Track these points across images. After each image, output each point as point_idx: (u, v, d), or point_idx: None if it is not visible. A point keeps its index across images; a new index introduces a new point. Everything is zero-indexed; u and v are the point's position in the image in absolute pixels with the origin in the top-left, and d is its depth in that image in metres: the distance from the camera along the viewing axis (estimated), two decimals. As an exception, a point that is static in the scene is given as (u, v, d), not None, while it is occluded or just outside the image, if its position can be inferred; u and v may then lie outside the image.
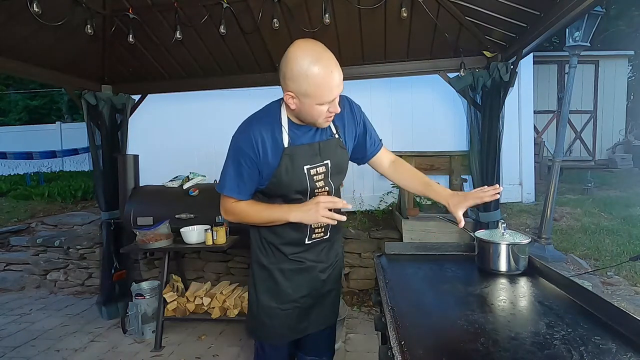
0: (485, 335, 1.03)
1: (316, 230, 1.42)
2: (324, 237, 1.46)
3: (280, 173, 1.29)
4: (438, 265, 1.67)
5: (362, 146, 1.49)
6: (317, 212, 1.23)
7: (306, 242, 1.42)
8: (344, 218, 1.27)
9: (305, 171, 1.32)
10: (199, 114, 4.62)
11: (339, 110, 1.25)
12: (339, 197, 1.39)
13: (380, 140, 1.57)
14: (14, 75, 9.15)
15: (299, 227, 1.37)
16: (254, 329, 1.51)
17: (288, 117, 1.31)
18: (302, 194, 1.34)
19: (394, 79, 3.68)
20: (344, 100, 1.43)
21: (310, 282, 1.46)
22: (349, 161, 1.47)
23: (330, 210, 1.24)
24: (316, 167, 1.34)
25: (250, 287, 1.51)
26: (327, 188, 1.38)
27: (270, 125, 1.29)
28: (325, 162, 1.35)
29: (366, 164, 1.58)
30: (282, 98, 1.29)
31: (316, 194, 1.34)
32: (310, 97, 1.18)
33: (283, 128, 1.30)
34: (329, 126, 1.36)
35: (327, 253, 1.50)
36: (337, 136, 1.38)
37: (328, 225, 1.41)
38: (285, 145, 1.29)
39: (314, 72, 1.17)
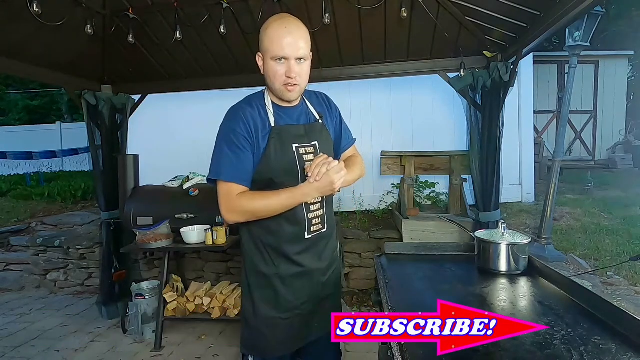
0: (485, 335, 1.03)
1: (314, 222, 1.33)
2: (323, 231, 1.37)
3: (270, 153, 1.26)
4: (438, 265, 1.67)
5: (338, 140, 1.49)
6: (329, 177, 1.19)
7: (306, 236, 1.33)
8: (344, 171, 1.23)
9: (295, 149, 1.29)
10: (199, 114, 4.61)
11: (293, 75, 1.23)
12: None
13: (355, 139, 1.57)
14: (14, 75, 9.16)
15: (296, 219, 1.30)
16: (253, 344, 1.38)
17: (272, 102, 1.33)
18: (292, 175, 1.27)
19: (394, 79, 3.68)
20: (322, 95, 1.48)
21: (311, 287, 1.37)
22: None
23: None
24: (305, 147, 1.32)
25: (244, 298, 1.40)
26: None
27: (257, 107, 1.31)
28: (313, 143, 1.34)
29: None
30: (265, 88, 1.35)
31: (307, 175, 1.23)
32: (267, 51, 1.25)
33: (268, 109, 1.31)
34: (312, 112, 1.39)
35: (325, 249, 1.41)
36: (320, 121, 1.39)
37: (324, 215, 1.36)
38: (272, 124, 1.29)
39: (271, 25, 1.27)
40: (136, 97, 3.61)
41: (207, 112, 4.61)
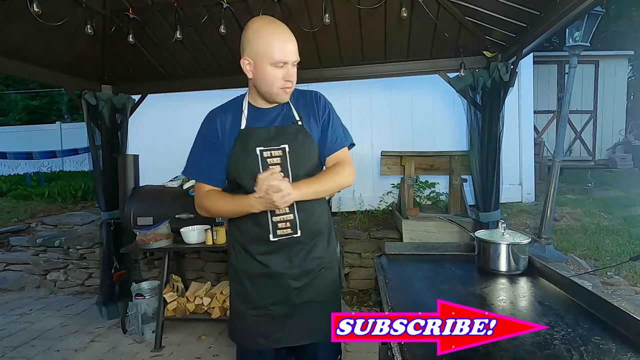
0: (485, 335, 1.03)
1: (279, 225, 1.32)
2: (294, 235, 1.33)
3: (233, 154, 1.31)
4: (438, 265, 1.67)
5: (323, 142, 1.38)
6: (266, 196, 1.18)
7: (271, 238, 1.32)
8: (289, 194, 1.19)
9: (258, 152, 1.29)
10: (199, 114, 4.60)
11: (294, 78, 1.26)
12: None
13: (352, 144, 1.47)
14: (14, 75, 9.16)
15: (260, 221, 1.32)
16: (230, 330, 1.52)
17: (249, 102, 1.36)
18: (254, 179, 1.23)
19: (394, 79, 3.68)
20: (313, 94, 1.43)
21: (279, 290, 1.36)
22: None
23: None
24: (271, 150, 1.30)
25: (229, 286, 1.54)
26: (282, 174, 1.25)
27: (231, 110, 1.36)
28: (282, 146, 1.30)
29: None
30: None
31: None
32: (262, 56, 1.22)
33: (242, 112, 1.34)
34: (292, 113, 1.35)
35: (303, 259, 1.36)
36: (299, 123, 1.35)
37: (294, 220, 1.33)
38: (242, 127, 1.32)
39: (268, 28, 1.24)
40: (136, 97, 3.61)
41: (207, 112, 4.65)
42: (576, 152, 8.08)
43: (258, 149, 1.30)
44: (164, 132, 4.67)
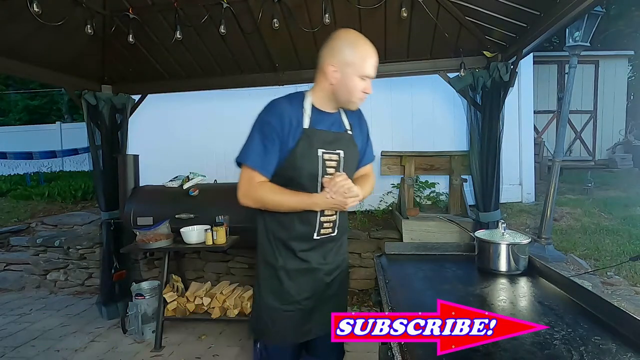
0: (485, 335, 1.03)
1: (324, 225, 1.41)
2: (332, 235, 1.45)
3: (296, 153, 1.32)
4: (438, 265, 1.67)
5: (361, 156, 1.52)
6: (339, 197, 1.31)
7: (314, 237, 1.40)
8: (359, 196, 1.34)
9: (320, 154, 1.34)
10: (199, 114, 4.62)
11: (371, 91, 1.34)
12: None
13: (374, 158, 1.62)
14: (14, 75, 9.16)
15: (308, 220, 1.38)
16: (258, 330, 1.49)
17: (312, 104, 1.38)
18: (313, 178, 1.34)
19: (394, 79, 3.68)
20: (359, 111, 1.50)
21: (314, 285, 1.44)
22: None
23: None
24: (330, 154, 1.37)
25: (255, 285, 1.51)
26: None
27: (295, 107, 1.36)
28: (338, 151, 1.38)
29: None
30: (306, 90, 1.41)
31: (324, 187, 1.34)
32: (352, 67, 1.29)
33: (305, 111, 1.35)
34: (344, 122, 1.44)
35: (334, 254, 1.49)
36: (350, 132, 1.45)
37: (336, 221, 1.44)
38: (305, 126, 1.34)
39: (361, 44, 1.32)
40: (136, 97, 3.60)
41: (207, 112, 4.66)
42: (576, 152, 8.08)
43: (320, 150, 1.34)
44: (164, 132, 4.68)
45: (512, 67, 2.65)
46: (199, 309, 3.00)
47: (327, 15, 2.44)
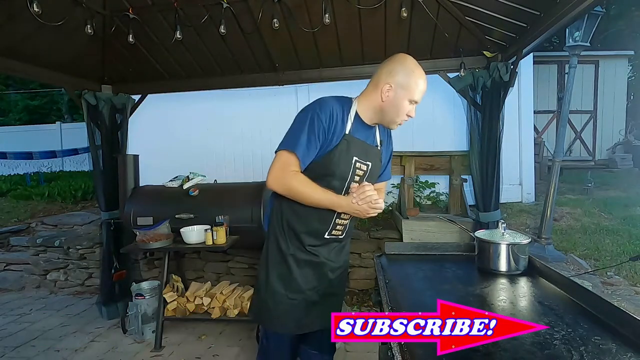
0: (485, 335, 1.02)
1: (337, 227, 1.50)
2: (339, 237, 1.54)
3: (334, 154, 1.38)
4: (438, 265, 1.67)
5: (383, 170, 1.61)
6: (364, 205, 1.37)
7: (325, 235, 1.49)
8: (380, 206, 1.41)
9: (353, 161, 1.42)
10: (199, 114, 4.62)
11: (414, 115, 1.43)
12: None
13: (391, 177, 1.71)
14: (14, 75, 9.15)
15: (325, 219, 1.46)
16: (259, 313, 1.54)
17: (357, 112, 1.45)
18: (342, 181, 1.42)
19: (394, 79, 3.67)
20: (388, 131, 1.59)
21: (320, 278, 1.52)
22: None
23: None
24: (361, 163, 1.45)
25: (261, 269, 1.54)
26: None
27: (343, 111, 1.42)
28: (367, 162, 1.47)
29: None
30: (356, 97, 1.47)
31: (351, 191, 1.41)
32: (405, 90, 1.38)
33: (350, 116, 1.42)
34: (377, 138, 1.53)
35: (337, 254, 1.58)
36: (379, 148, 1.54)
37: (347, 225, 1.53)
38: (347, 131, 1.41)
39: (418, 72, 1.40)
40: (136, 97, 3.60)
41: (207, 112, 4.66)
42: (576, 152, 8.07)
43: (354, 157, 1.43)
44: (164, 132, 4.68)
45: (512, 67, 2.65)
46: (199, 309, 3.00)
47: (327, 15, 2.44)
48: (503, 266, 1.52)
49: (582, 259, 3.29)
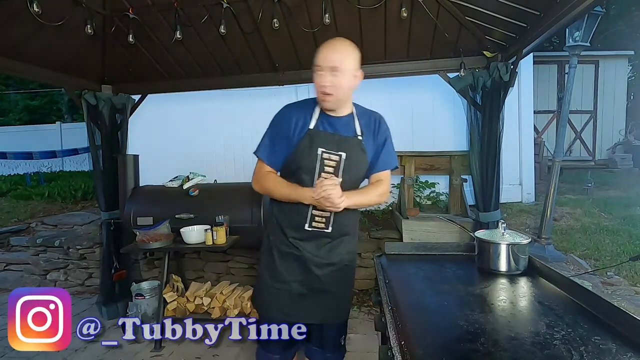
0: (485, 335, 1.03)
1: (316, 219, 1.52)
2: (325, 230, 1.54)
3: (297, 148, 1.49)
4: (438, 265, 1.67)
5: (375, 161, 1.59)
6: (316, 191, 1.41)
7: (306, 227, 1.53)
8: (339, 205, 1.41)
9: (319, 152, 1.47)
10: (199, 114, 4.62)
11: (326, 85, 1.42)
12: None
13: (396, 167, 1.67)
14: (14, 75, 9.15)
15: (300, 211, 1.52)
16: (253, 297, 1.74)
17: (321, 109, 1.53)
18: (310, 174, 1.48)
19: (394, 79, 3.67)
20: (377, 117, 1.61)
21: (303, 272, 1.56)
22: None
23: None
24: (330, 154, 1.49)
25: (260, 259, 1.70)
26: (333, 177, 1.49)
27: (304, 110, 1.53)
28: (340, 153, 1.49)
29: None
30: None
31: (322, 179, 1.46)
32: (315, 63, 1.46)
33: (314, 114, 1.52)
34: (355, 127, 1.54)
35: (328, 251, 1.57)
36: (359, 138, 1.53)
37: (329, 218, 1.52)
38: (311, 127, 1.50)
39: (324, 45, 1.51)
40: (136, 97, 3.60)
41: (207, 111, 4.66)
42: (576, 152, 8.07)
43: (320, 149, 1.48)
44: (164, 132, 4.68)
45: (512, 67, 2.65)
46: (199, 309, 3.00)
47: (327, 15, 2.44)
48: (503, 266, 1.52)
49: (582, 259, 3.29)
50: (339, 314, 1.67)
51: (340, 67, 1.42)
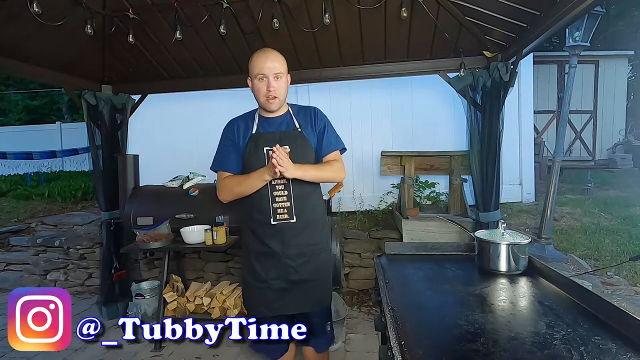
0: (485, 335, 1.03)
1: (279, 211, 1.64)
2: (290, 221, 1.65)
3: (247, 152, 1.67)
4: (438, 265, 1.67)
5: (319, 146, 1.74)
6: (269, 166, 1.53)
7: (272, 222, 1.64)
8: (287, 167, 1.51)
9: (265, 152, 1.64)
10: (199, 114, 4.62)
11: (273, 89, 1.62)
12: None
13: (343, 149, 1.82)
14: (14, 75, 9.16)
15: (262, 208, 1.65)
16: (244, 302, 1.83)
17: (259, 114, 1.73)
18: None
19: (394, 79, 3.68)
20: (311, 110, 1.79)
21: (278, 267, 1.67)
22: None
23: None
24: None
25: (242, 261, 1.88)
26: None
27: (246, 119, 1.73)
28: (284, 147, 1.61)
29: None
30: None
31: (276, 172, 1.55)
32: (251, 74, 1.65)
33: (255, 121, 1.71)
34: (294, 122, 1.72)
35: (294, 237, 1.66)
36: (299, 130, 1.71)
37: (291, 208, 1.65)
38: (253, 132, 1.69)
39: (254, 56, 1.66)
40: (136, 97, 3.60)
41: (207, 111, 4.65)
42: (576, 152, 8.07)
43: (265, 148, 1.64)
44: (164, 132, 4.68)
45: (512, 67, 2.65)
46: (199, 309, 3.00)
47: (327, 15, 2.44)
48: (503, 266, 1.52)
49: (582, 259, 3.29)
50: (322, 300, 1.77)
51: (282, 72, 1.65)
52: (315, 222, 1.72)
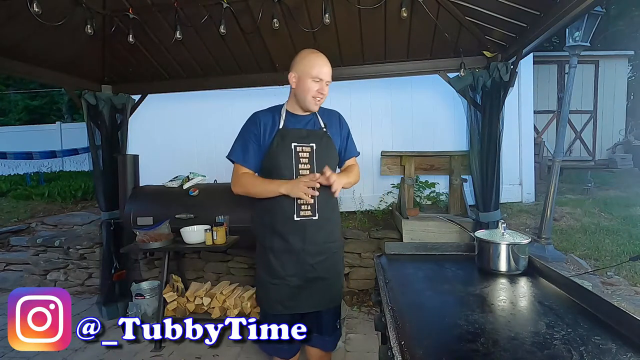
0: (485, 335, 1.03)
1: (302, 207, 1.65)
2: (313, 218, 1.67)
3: (273, 147, 1.65)
4: (438, 265, 1.67)
5: (343, 151, 1.82)
6: (298, 186, 1.55)
7: (295, 218, 1.65)
8: (315, 193, 1.56)
9: (292, 147, 1.65)
10: (199, 114, 4.62)
11: (326, 93, 1.65)
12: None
13: (358, 153, 1.91)
14: (14, 75, 9.16)
15: (287, 204, 1.64)
16: (258, 298, 1.83)
17: (287, 109, 1.72)
18: (289, 168, 1.64)
19: (394, 79, 3.68)
20: (336, 113, 1.83)
21: (297, 265, 1.67)
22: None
23: (312, 189, 1.55)
24: (302, 146, 1.67)
25: (256, 263, 1.83)
26: (308, 166, 1.66)
27: (272, 114, 1.71)
28: (310, 144, 1.67)
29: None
30: (285, 101, 1.74)
31: (300, 170, 1.64)
32: (304, 73, 1.63)
33: (281, 116, 1.70)
34: (320, 121, 1.74)
35: (314, 234, 1.67)
36: (324, 129, 1.74)
37: (314, 205, 1.66)
38: (280, 127, 1.68)
39: (312, 56, 1.66)
40: (136, 97, 3.60)
41: (207, 111, 4.66)
42: (576, 152, 8.07)
43: (293, 144, 1.65)
44: (164, 132, 4.67)
45: (512, 67, 2.65)
46: (199, 309, 3.00)
47: (327, 15, 2.44)
48: (503, 266, 1.52)
49: (582, 259, 3.29)
50: (334, 298, 1.78)
51: (330, 79, 1.66)
52: (334, 220, 1.76)
